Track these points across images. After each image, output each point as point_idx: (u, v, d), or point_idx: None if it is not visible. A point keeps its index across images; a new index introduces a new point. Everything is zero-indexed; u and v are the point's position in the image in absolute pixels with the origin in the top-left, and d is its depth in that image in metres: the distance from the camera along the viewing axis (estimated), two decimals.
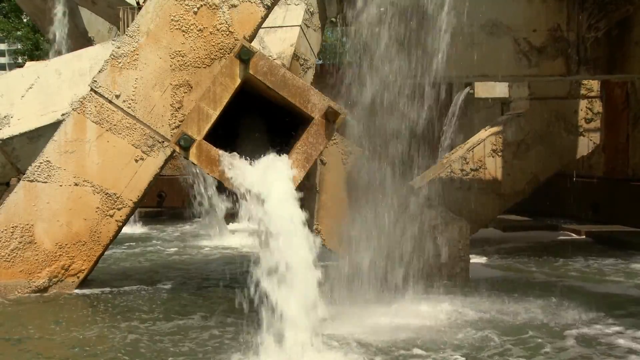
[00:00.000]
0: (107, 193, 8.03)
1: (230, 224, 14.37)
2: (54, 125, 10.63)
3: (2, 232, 7.93)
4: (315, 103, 7.03)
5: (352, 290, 7.27)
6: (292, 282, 5.65)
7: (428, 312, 7.05)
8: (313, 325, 5.56)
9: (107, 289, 8.20)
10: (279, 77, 7.07)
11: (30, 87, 12.54)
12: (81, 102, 8.14)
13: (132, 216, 9.66)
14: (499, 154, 12.84)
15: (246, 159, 6.73)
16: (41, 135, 11.80)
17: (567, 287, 8.56)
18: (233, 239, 13.10)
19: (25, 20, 40.63)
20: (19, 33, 42.63)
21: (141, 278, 8.96)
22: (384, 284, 7.46)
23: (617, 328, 6.51)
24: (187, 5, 7.92)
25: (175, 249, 12.08)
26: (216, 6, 7.90)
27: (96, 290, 8.10)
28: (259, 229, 6.00)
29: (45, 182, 8.01)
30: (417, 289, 7.51)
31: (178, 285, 8.63)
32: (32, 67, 14.21)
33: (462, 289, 8.13)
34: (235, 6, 7.91)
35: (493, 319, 6.86)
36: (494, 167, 12.82)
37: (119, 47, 8.04)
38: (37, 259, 7.96)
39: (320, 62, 16.22)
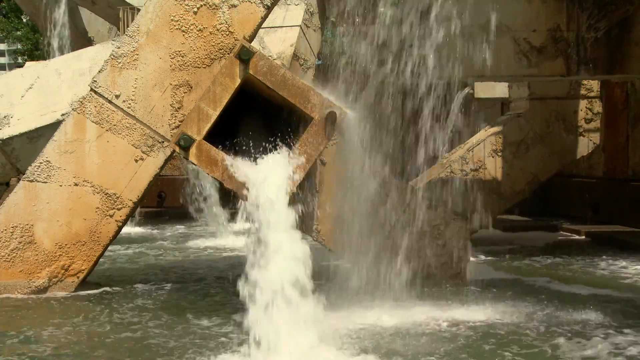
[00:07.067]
0: (107, 193, 8.03)
1: (230, 224, 14.35)
2: (54, 125, 10.64)
3: (2, 232, 7.94)
4: (315, 103, 7.02)
5: (350, 290, 7.26)
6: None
7: (426, 314, 7.03)
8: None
9: (106, 289, 8.20)
10: (279, 77, 7.06)
11: (30, 87, 12.56)
12: (81, 102, 8.14)
13: (132, 216, 9.66)
14: (499, 154, 12.85)
15: (246, 159, 6.73)
16: (41, 135, 11.82)
17: (566, 288, 8.55)
18: (232, 239, 13.09)
19: (25, 20, 40.62)
20: (18, 33, 42.62)
21: (140, 278, 8.95)
22: (382, 285, 7.44)
23: (617, 329, 6.49)
24: (187, 5, 7.92)
25: (175, 249, 12.08)
26: (216, 6, 7.90)
27: (96, 291, 8.10)
28: (253, 228, 6.02)
29: (45, 182, 8.00)
30: (416, 289, 7.50)
31: (177, 285, 8.62)
32: (32, 67, 14.23)
33: (462, 289, 8.13)
34: (235, 6, 7.91)
35: (492, 320, 6.85)
36: (493, 167, 12.83)
37: (119, 47, 8.04)
38: (36, 259, 7.96)
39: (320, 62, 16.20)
